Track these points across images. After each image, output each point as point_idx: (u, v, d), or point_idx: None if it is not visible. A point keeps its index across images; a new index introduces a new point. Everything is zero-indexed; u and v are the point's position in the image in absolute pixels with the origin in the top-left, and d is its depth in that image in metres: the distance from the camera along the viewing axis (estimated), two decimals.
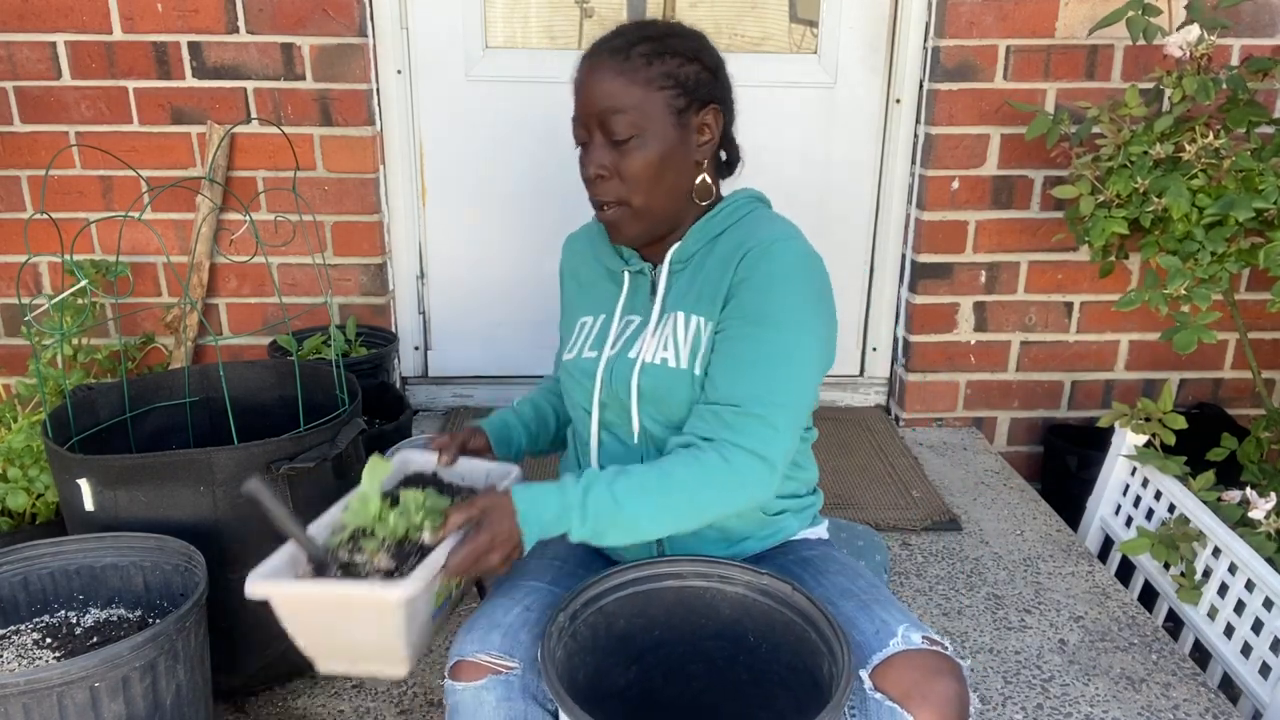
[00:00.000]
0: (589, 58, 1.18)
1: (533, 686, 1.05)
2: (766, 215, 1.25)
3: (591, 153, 1.18)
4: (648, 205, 1.19)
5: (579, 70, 1.19)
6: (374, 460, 1.15)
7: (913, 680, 0.99)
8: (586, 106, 1.17)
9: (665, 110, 1.16)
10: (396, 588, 0.95)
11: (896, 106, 2.36)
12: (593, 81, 1.16)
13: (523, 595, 1.14)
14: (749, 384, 1.11)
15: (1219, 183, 1.76)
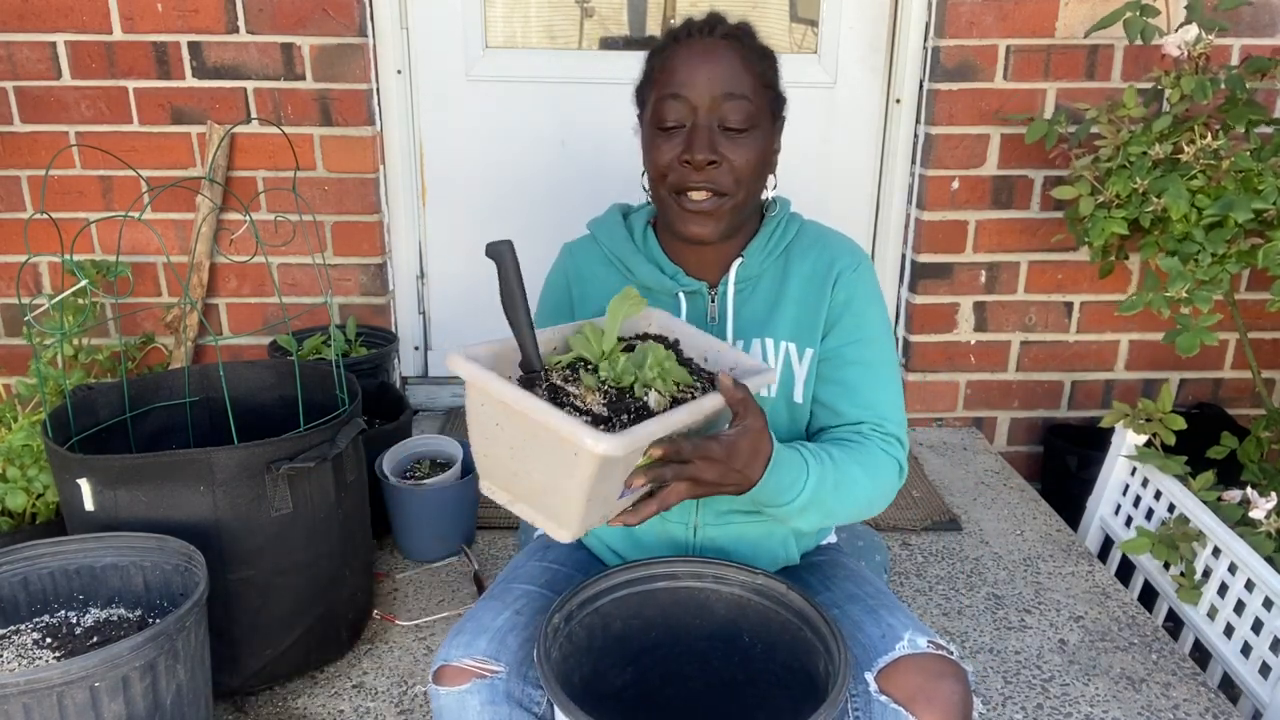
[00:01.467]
0: (694, 35, 1.11)
1: (517, 691, 1.04)
2: (817, 226, 1.24)
3: (701, 135, 1.09)
4: (744, 202, 1.14)
5: (676, 46, 1.11)
6: (627, 292, 1.04)
7: (917, 684, 0.99)
8: (703, 86, 1.09)
9: (767, 110, 1.14)
10: (606, 439, 0.82)
11: (896, 106, 2.36)
12: (712, 60, 1.09)
13: (514, 599, 1.13)
14: (882, 404, 1.16)
15: (1218, 183, 1.76)
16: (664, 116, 1.11)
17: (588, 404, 0.91)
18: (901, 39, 2.32)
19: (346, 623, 1.60)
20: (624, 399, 0.93)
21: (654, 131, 1.12)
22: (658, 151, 1.12)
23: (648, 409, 0.92)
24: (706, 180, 1.10)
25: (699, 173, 1.10)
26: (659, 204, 1.16)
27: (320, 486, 1.46)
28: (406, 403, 2.05)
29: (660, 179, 1.13)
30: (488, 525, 2.01)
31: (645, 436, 0.86)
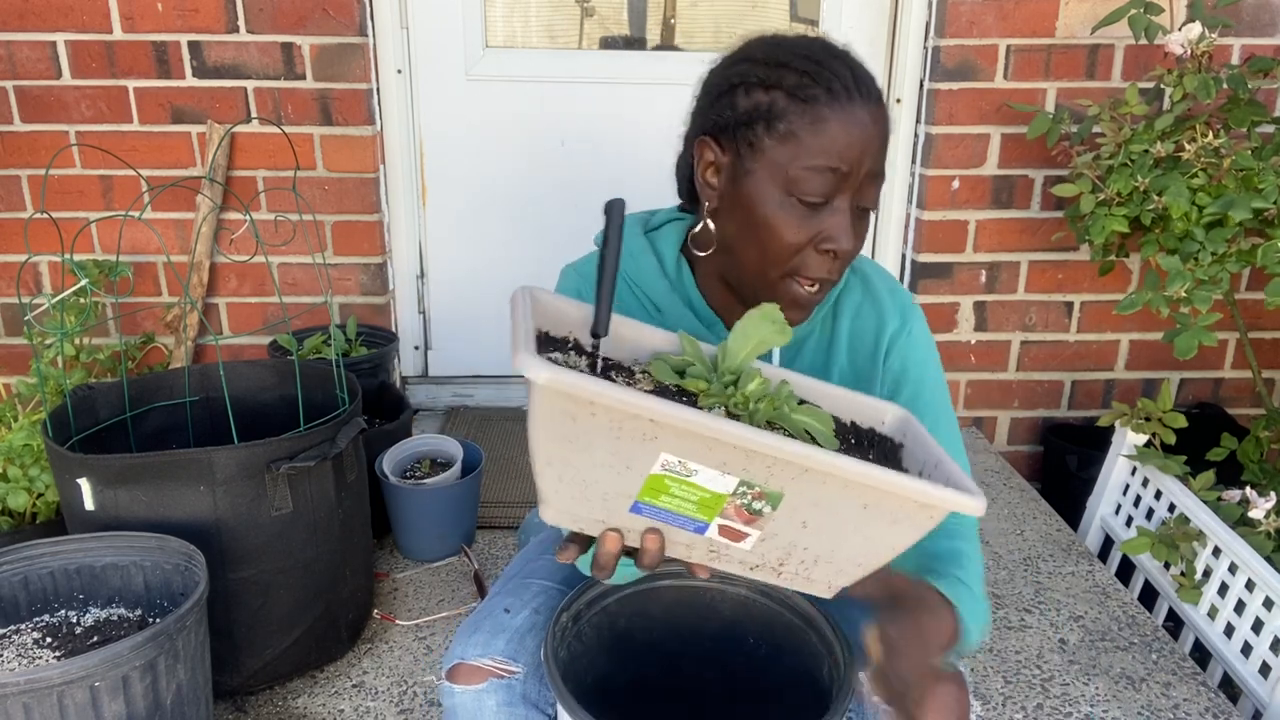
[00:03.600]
0: (854, 97, 0.91)
1: (534, 693, 1.02)
2: (862, 271, 1.11)
3: (846, 220, 0.93)
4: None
5: (842, 108, 0.91)
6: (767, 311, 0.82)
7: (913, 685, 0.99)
8: (864, 164, 0.92)
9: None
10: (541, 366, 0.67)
11: (897, 106, 2.36)
12: (870, 132, 0.91)
13: (532, 596, 1.10)
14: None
15: (1219, 182, 1.76)
16: (812, 190, 0.92)
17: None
18: (901, 38, 2.32)
19: (346, 622, 1.60)
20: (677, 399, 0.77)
21: (783, 196, 0.93)
22: (786, 226, 0.93)
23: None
24: (837, 271, 0.96)
25: (835, 263, 0.94)
26: (754, 278, 0.98)
27: (320, 486, 1.46)
28: (406, 402, 2.05)
29: (778, 257, 0.95)
30: (488, 525, 2.01)
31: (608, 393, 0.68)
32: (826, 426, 0.79)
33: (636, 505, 0.76)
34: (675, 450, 0.72)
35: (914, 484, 0.74)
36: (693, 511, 0.76)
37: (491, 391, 2.57)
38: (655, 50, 2.38)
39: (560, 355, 0.79)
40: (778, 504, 0.75)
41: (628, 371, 0.81)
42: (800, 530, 0.77)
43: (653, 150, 1.16)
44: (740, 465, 0.73)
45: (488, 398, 2.57)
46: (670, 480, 0.74)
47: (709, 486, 0.74)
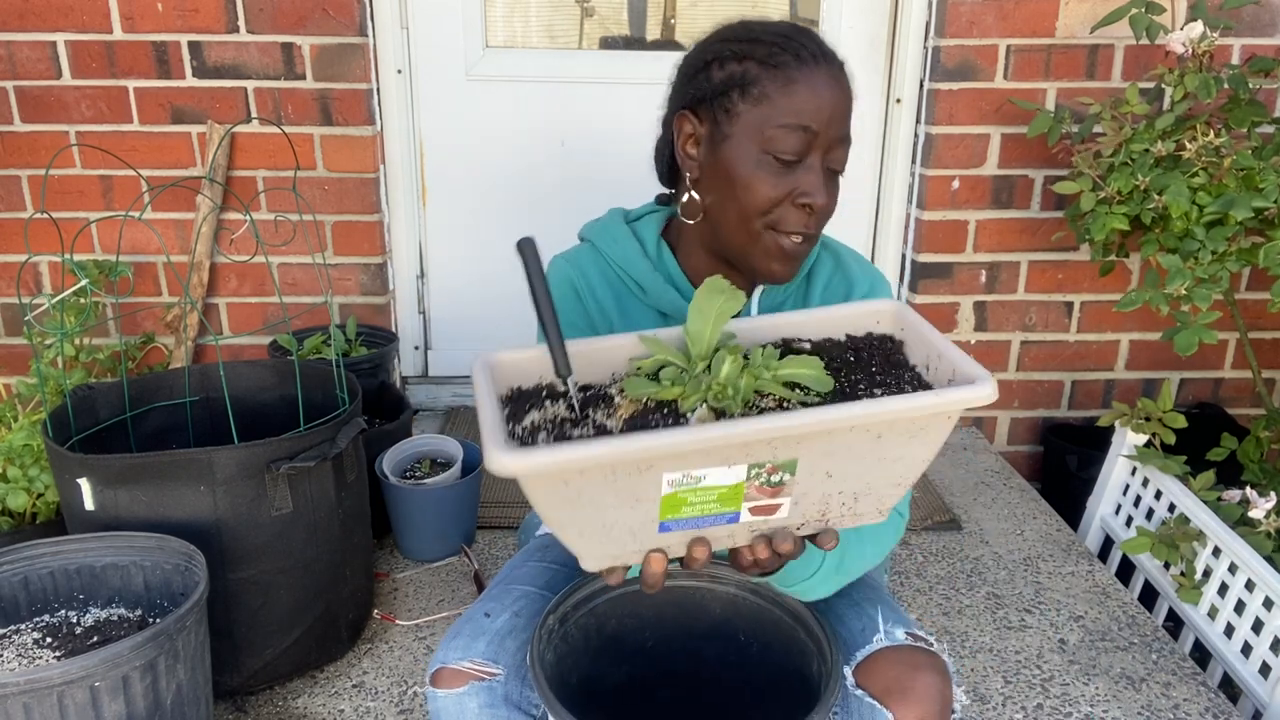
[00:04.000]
0: (820, 60, 1.00)
1: (516, 694, 1.03)
2: (834, 248, 1.18)
3: (816, 177, 1.00)
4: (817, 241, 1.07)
5: (807, 69, 0.99)
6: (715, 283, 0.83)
7: (893, 676, 0.99)
8: (832, 124, 0.99)
9: None
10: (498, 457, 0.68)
11: (896, 106, 2.36)
12: (837, 94, 0.99)
13: (513, 600, 1.11)
14: None
15: (1219, 181, 1.76)
16: (785, 148, 0.99)
17: (611, 423, 0.77)
18: (901, 38, 2.32)
19: (346, 622, 1.60)
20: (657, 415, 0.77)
21: (759, 155, 1.00)
22: (764, 183, 1.00)
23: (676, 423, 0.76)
24: (814, 226, 1.02)
25: (811, 217, 1.01)
26: (738, 235, 1.04)
27: (320, 486, 1.46)
28: (406, 402, 2.05)
29: (757, 212, 1.02)
30: (488, 525, 2.01)
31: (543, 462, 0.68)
32: (815, 369, 0.79)
33: (663, 525, 0.77)
34: (674, 468, 0.73)
35: (911, 402, 0.74)
36: (718, 508, 0.77)
37: None
38: (655, 50, 2.38)
39: (536, 415, 0.78)
40: (794, 469, 0.76)
41: (606, 398, 0.81)
42: (827, 480, 0.78)
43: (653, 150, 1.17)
44: (741, 455, 0.73)
45: None
46: (683, 493, 0.75)
47: (722, 482, 0.75)
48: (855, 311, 0.90)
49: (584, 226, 1.21)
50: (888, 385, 0.82)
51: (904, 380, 0.83)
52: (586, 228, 1.22)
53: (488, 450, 0.69)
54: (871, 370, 0.84)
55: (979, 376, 0.76)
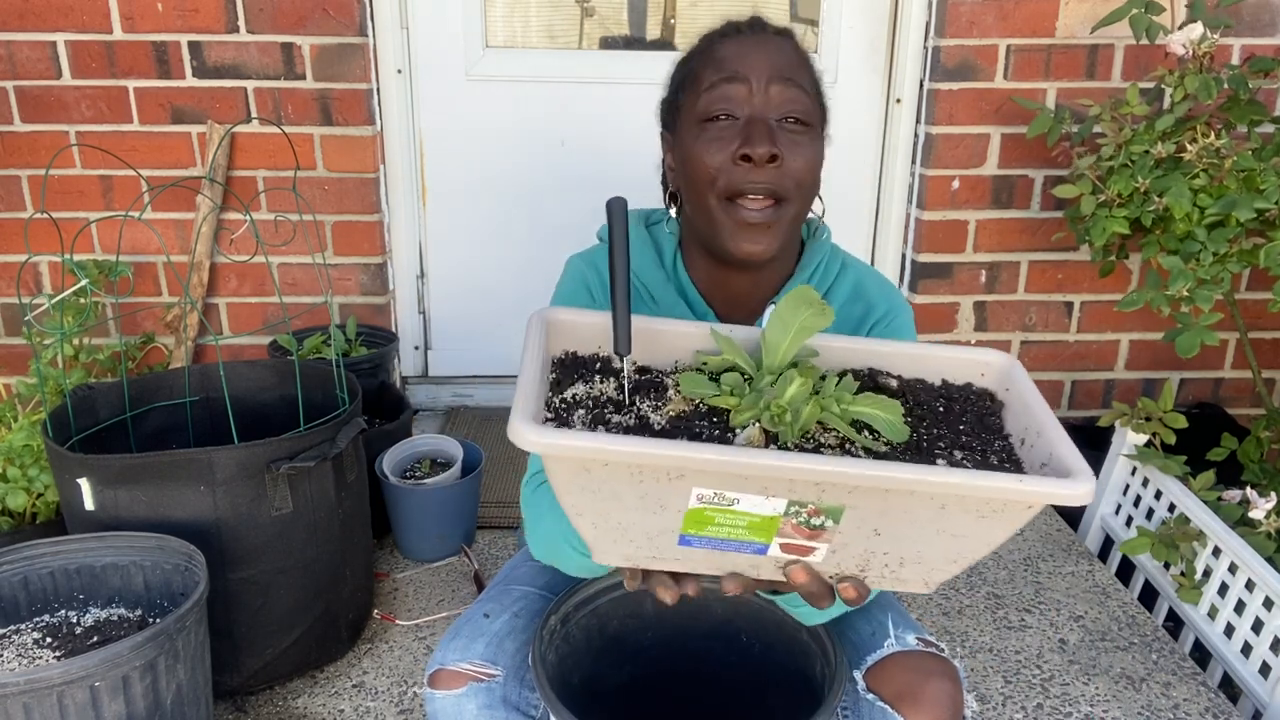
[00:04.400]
0: (745, 32, 1.00)
1: (514, 696, 1.02)
2: (857, 269, 1.13)
3: (760, 127, 0.95)
4: (799, 215, 1.00)
5: (729, 40, 0.99)
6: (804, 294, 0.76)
7: (905, 681, 0.99)
8: (761, 68, 0.96)
9: (819, 115, 1.01)
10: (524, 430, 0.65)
11: (897, 106, 2.36)
12: (770, 48, 0.97)
13: (512, 601, 1.11)
14: None
15: (1220, 182, 1.76)
16: (713, 104, 0.96)
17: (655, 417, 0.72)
18: (901, 39, 2.32)
19: (346, 622, 1.60)
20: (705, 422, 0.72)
21: (699, 129, 0.98)
22: (705, 151, 0.97)
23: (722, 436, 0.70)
24: (767, 182, 0.95)
25: (759, 170, 0.95)
26: (703, 219, 1.01)
27: (320, 486, 1.46)
28: (406, 402, 2.05)
29: (709, 184, 0.98)
30: (488, 525, 2.01)
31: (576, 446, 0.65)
32: (892, 414, 0.71)
33: (684, 538, 0.72)
34: (707, 484, 0.67)
35: (986, 481, 0.65)
36: (745, 536, 0.71)
37: (491, 391, 2.57)
38: (655, 50, 2.38)
39: (581, 389, 0.74)
40: (839, 518, 0.69)
41: (660, 388, 0.76)
42: (874, 538, 0.71)
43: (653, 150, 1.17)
44: (784, 488, 0.67)
45: (487, 398, 2.57)
46: (711, 511, 0.69)
47: (756, 511, 0.69)
48: (960, 357, 0.82)
49: (602, 229, 1.18)
50: (972, 451, 0.73)
51: (992, 450, 0.74)
52: (605, 231, 1.18)
53: (513, 417, 0.65)
54: (959, 429, 0.75)
55: (1077, 471, 0.67)
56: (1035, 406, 0.75)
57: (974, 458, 0.72)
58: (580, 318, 0.81)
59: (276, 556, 1.44)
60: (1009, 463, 0.73)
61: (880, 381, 0.79)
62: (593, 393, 0.74)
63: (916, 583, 0.76)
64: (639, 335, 0.78)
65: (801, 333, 0.75)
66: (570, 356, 0.79)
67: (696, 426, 0.71)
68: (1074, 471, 0.67)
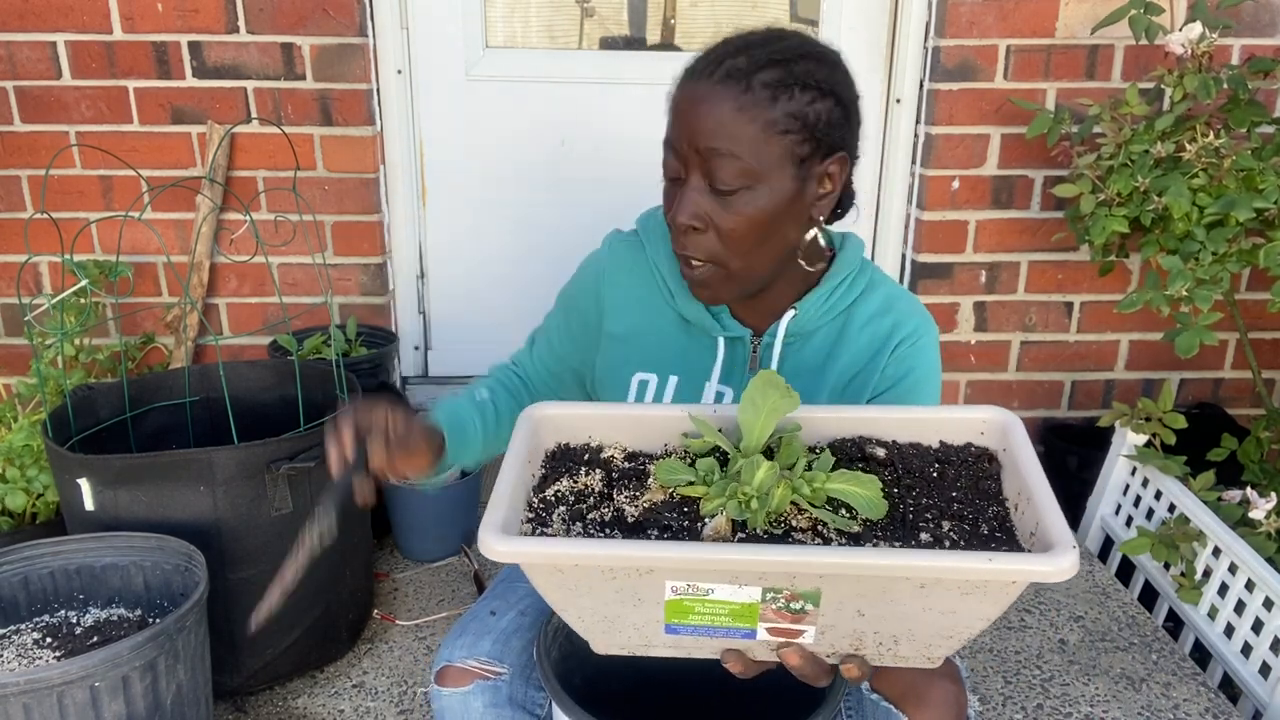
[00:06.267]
0: (696, 76, 0.96)
1: (520, 694, 1.02)
2: (887, 288, 1.13)
3: (686, 196, 0.96)
4: (747, 268, 0.99)
5: (680, 87, 0.97)
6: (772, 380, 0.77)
7: (909, 681, 0.99)
8: (687, 138, 0.95)
9: (784, 159, 0.94)
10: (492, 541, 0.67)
11: (896, 106, 2.36)
12: (700, 109, 0.93)
13: (518, 599, 1.11)
14: None
15: (1220, 182, 1.76)
16: (665, 168, 0.99)
17: (630, 509, 0.73)
18: (901, 39, 2.32)
19: (346, 622, 1.60)
20: (675, 514, 0.72)
21: (664, 182, 1.01)
22: (663, 206, 1.01)
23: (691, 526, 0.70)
24: (692, 248, 0.97)
25: (683, 237, 0.97)
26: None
27: (320, 486, 1.46)
28: (407, 402, 2.05)
29: (668, 237, 1.03)
30: None
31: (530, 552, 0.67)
32: (868, 490, 0.70)
33: (669, 627, 0.72)
34: (678, 577, 0.68)
35: (953, 563, 0.63)
36: (729, 623, 0.71)
37: None
38: (655, 50, 2.38)
39: (566, 484, 0.76)
40: (818, 601, 0.68)
41: (641, 476, 0.77)
42: (859, 619, 0.70)
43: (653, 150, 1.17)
44: (754, 578, 0.67)
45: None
46: (690, 601, 0.69)
47: (733, 599, 0.69)
48: (956, 417, 0.80)
49: (642, 214, 1.17)
50: (962, 521, 0.71)
51: (984, 518, 0.71)
52: (643, 217, 1.17)
53: (481, 528, 0.68)
54: (951, 496, 0.74)
55: (1058, 544, 0.65)
56: (1025, 468, 0.74)
57: (962, 528, 0.71)
58: (569, 411, 0.83)
59: (276, 556, 1.44)
60: (1001, 531, 0.71)
61: (868, 452, 0.78)
62: (576, 487, 0.76)
63: (918, 659, 0.75)
64: (626, 423, 0.81)
65: (772, 414, 0.76)
66: (562, 448, 0.82)
67: (666, 519, 0.71)
68: (1055, 545, 0.65)
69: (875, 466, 0.77)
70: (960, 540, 0.70)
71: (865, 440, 0.80)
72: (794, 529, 0.70)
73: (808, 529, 0.70)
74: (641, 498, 0.74)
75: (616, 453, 0.80)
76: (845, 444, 0.80)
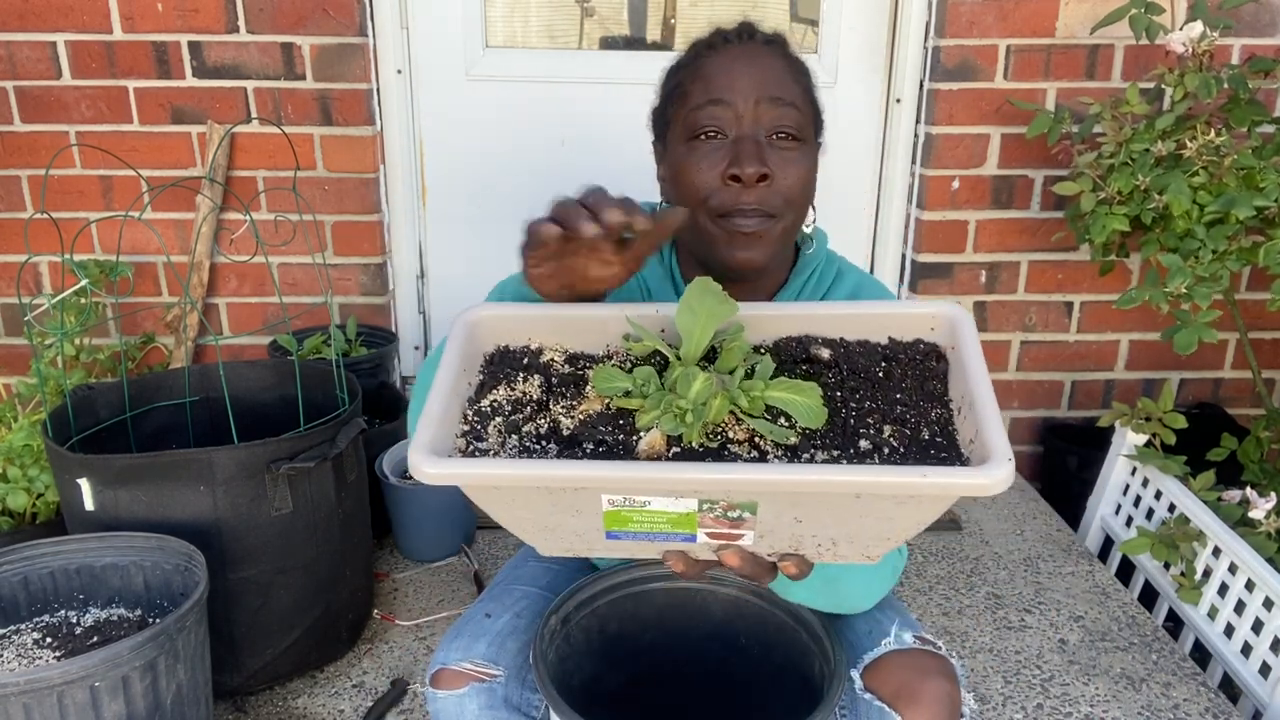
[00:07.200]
0: (732, 41, 0.99)
1: (516, 696, 1.02)
2: (855, 275, 1.14)
3: (749, 146, 0.95)
4: (789, 230, 1.00)
5: (717, 53, 0.99)
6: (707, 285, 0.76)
7: (902, 680, 0.98)
8: (747, 89, 0.96)
9: (812, 128, 1.01)
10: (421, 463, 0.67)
11: (896, 106, 2.36)
12: (759, 62, 0.97)
13: (514, 601, 1.11)
14: None
15: (1220, 180, 1.76)
16: (700, 124, 0.97)
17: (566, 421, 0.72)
18: (901, 39, 2.32)
19: (346, 622, 1.60)
20: (609, 427, 0.71)
21: (688, 148, 0.99)
22: (694, 170, 0.98)
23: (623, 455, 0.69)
24: (756, 202, 0.96)
25: (749, 191, 0.96)
26: (694, 234, 1.02)
27: (320, 486, 1.46)
28: (406, 403, 2.05)
29: (699, 204, 0.99)
30: (488, 525, 2.01)
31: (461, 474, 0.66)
32: (808, 398, 0.69)
33: (610, 534, 0.73)
34: (613, 491, 0.68)
35: (878, 477, 0.63)
36: (668, 529, 0.71)
37: None
38: (655, 50, 2.38)
39: (502, 393, 0.74)
40: (755, 510, 0.69)
41: (579, 383, 0.75)
42: (797, 525, 0.70)
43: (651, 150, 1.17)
44: (689, 490, 0.67)
45: None
46: (627, 512, 0.70)
47: (670, 509, 0.69)
48: (907, 311, 0.78)
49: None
50: (904, 425, 0.70)
51: (926, 422, 0.70)
52: None
53: (411, 449, 0.67)
54: (895, 399, 0.72)
55: (994, 455, 0.64)
56: (971, 370, 0.71)
57: (903, 432, 0.70)
58: (509, 312, 0.81)
59: (276, 556, 1.44)
60: (942, 435, 0.70)
61: (812, 353, 0.77)
62: (513, 395, 0.74)
63: (856, 556, 0.76)
64: (567, 324, 0.79)
65: (710, 319, 0.75)
66: (501, 352, 0.80)
67: (601, 432, 0.70)
68: (991, 456, 0.64)
69: (820, 368, 0.76)
70: (900, 447, 0.69)
71: (810, 340, 0.78)
72: (730, 440, 0.70)
73: (744, 440, 0.70)
74: (578, 408, 0.73)
75: (557, 356, 0.78)
76: (790, 344, 0.78)
